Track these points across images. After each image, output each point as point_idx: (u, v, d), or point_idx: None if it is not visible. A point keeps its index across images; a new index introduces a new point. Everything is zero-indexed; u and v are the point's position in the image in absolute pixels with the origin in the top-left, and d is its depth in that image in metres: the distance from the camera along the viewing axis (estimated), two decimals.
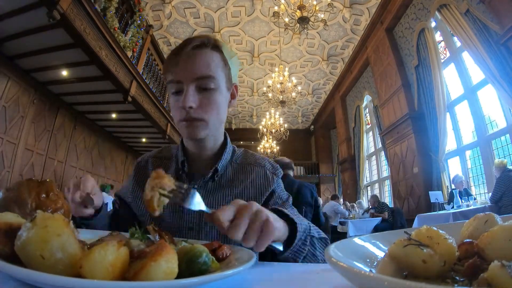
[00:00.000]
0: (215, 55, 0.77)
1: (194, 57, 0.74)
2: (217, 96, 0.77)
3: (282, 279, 0.49)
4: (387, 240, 0.40)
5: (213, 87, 0.75)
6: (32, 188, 0.45)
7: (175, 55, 0.75)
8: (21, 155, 5.16)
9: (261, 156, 0.94)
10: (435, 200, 4.74)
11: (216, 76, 0.76)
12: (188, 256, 0.39)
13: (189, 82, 0.73)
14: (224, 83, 0.79)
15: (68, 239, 0.32)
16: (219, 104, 0.78)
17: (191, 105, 0.72)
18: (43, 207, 0.37)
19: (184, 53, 0.74)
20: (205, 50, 0.76)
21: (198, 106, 0.74)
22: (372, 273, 0.28)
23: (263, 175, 0.86)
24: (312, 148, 13.81)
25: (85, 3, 4.00)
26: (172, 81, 0.76)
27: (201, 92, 0.75)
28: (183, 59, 0.74)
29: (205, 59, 0.75)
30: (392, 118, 6.37)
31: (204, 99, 0.75)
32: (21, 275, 0.30)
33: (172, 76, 0.75)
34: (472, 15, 4.22)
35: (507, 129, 4.17)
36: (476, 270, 0.27)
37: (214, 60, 0.76)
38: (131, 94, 5.55)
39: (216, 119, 0.78)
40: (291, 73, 9.01)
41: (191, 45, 0.75)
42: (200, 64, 0.74)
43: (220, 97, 0.78)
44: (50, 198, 0.46)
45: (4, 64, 4.61)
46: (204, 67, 0.74)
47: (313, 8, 4.78)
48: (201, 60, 0.75)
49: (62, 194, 0.50)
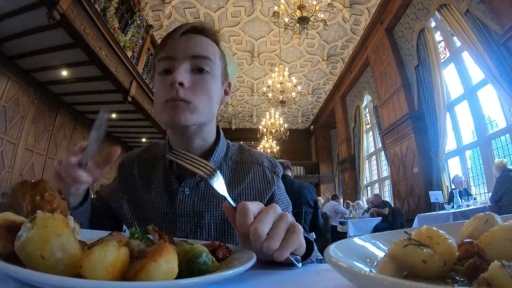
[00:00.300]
0: (213, 44, 0.72)
1: (193, 38, 0.69)
2: (211, 82, 0.69)
3: (282, 279, 0.49)
4: (387, 240, 0.40)
5: (208, 71, 0.68)
6: (26, 191, 0.45)
7: (172, 33, 0.69)
8: (21, 155, 5.16)
9: (258, 152, 0.84)
10: (435, 200, 4.74)
11: (213, 59, 0.69)
12: (188, 256, 0.39)
13: (183, 59, 0.66)
14: (220, 73, 0.73)
15: (68, 239, 0.32)
16: (212, 92, 0.69)
17: (182, 81, 0.63)
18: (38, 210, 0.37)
19: (183, 31, 0.68)
20: (204, 37, 0.71)
21: (189, 86, 0.65)
22: (372, 273, 0.28)
23: (262, 175, 0.78)
24: (312, 148, 13.81)
25: (85, 3, 4.01)
26: (163, 58, 0.67)
27: (194, 74, 0.67)
28: (180, 37, 0.67)
29: (203, 41, 0.70)
30: (392, 118, 6.37)
31: (197, 81, 0.66)
32: (21, 275, 0.30)
33: (164, 53, 0.67)
34: (472, 15, 4.22)
35: (507, 129, 4.18)
36: (476, 270, 0.27)
37: (212, 47, 0.71)
38: (131, 94, 5.56)
39: (206, 106, 0.67)
40: (291, 73, 9.01)
41: (191, 25, 0.70)
42: (199, 43, 0.69)
43: (214, 85, 0.70)
44: (46, 199, 0.46)
45: (4, 64, 4.61)
46: (201, 47, 0.68)
47: (313, 8, 4.79)
48: (200, 39, 0.69)
49: (57, 193, 0.50)
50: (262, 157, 0.82)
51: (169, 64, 0.67)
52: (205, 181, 0.73)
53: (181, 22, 7.31)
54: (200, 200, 0.72)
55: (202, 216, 0.71)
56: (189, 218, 0.71)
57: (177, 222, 0.71)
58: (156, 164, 0.79)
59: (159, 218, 0.72)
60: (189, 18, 7.22)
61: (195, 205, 0.71)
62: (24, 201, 0.43)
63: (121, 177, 0.81)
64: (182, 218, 0.71)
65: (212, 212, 0.71)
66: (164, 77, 0.67)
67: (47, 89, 5.60)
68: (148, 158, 0.82)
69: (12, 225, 0.35)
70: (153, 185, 0.76)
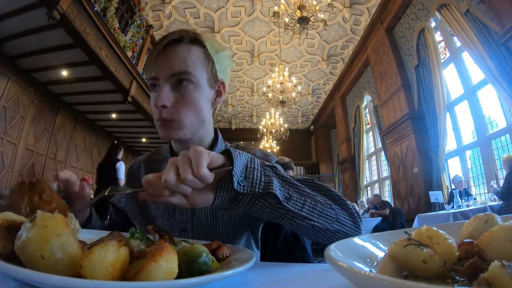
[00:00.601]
0: (194, 50, 0.72)
1: (169, 52, 0.71)
2: (194, 94, 0.72)
3: (282, 279, 0.49)
4: (387, 240, 0.40)
5: (190, 84, 0.71)
6: (24, 192, 0.45)
7: (153, 51, 0.72)
8: (21, 155, 5.16)
9: (252, 147, 0.88)
10: (435, 200, 4.74)
11: (194, 72, 0.71)
12: (188, 256, 0.39)
13: (164, 79, 0.70)
14: (205, 79, 0.74)
15: (68, 239, 0.32)
16: (197, 103, 0.72)
17: (164, 103, 0.68)
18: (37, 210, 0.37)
19: (160, 48, 0.70)
20: (181, 45, 0.71)
21: (173, 105, 0.69)
22: (372, 273, 0.28)
23: None
24: (312, 148, 13.81)
25: (85, 3, 4.01)
26: (149, 78, 0.73)
27: (177, 90, 0.71)
28: (160, 55, 0.71)
29: (181, 55, 0.71)
30: (392, 118, 6.37)
31: (180, 98, 0.70)
32: (21, 275, 0.30)
33: (149, 73, 0.72)
34: (472, 15, 4.22)
35: (507, 129, 4.17)
36: (476, 270, 0.27)
37: (192, 56, 0.72)
38: (131, 94, 5.55)
39: (193, 119, 0.72)
40: (291, 73, 9.01)
41: (167, 40, 0.71)
42: (175, 59, 0.70)
43: (199, 95, 0.72)
44: (44, 200, 0.46)
45: (4, 64, 4.61)
46: (179, 62, 0.70)
47: (313, 8, 4.78)
48: (176, 55, 0.71)
49: (56, 192, 0.50)
50: (255, 150, 0.85)
51: (154, 83, 0.72)
52: None
53: (181, 22, 7.31)
54: None
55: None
56: (189, 211, 0.78)
57: (176, 212, 0.78)
58: (160, 166, 0.86)
59: (162, 210, 0.79)
60: (189, 18, 7.22)
61: None
62: (22, 202, 0.43)
63: (129, 180, 0.91)
64: (182, 211, 0.78)
65: None
66: (152, 96, 0.73)
67: (47, 89, 5.60)
68: (153, 162, 0.90)
69: (12, 225, 0.35)
70: None
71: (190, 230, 0.77)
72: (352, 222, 0.64)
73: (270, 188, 0.52)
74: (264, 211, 0.55)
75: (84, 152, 7.14)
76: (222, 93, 0.81)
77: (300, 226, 0.58)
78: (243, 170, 0.51)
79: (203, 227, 0.77)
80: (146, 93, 6.24)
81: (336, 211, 0.61)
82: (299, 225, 0.58)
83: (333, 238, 0.62)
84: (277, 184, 0.54)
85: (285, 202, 0.55)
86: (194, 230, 0.77)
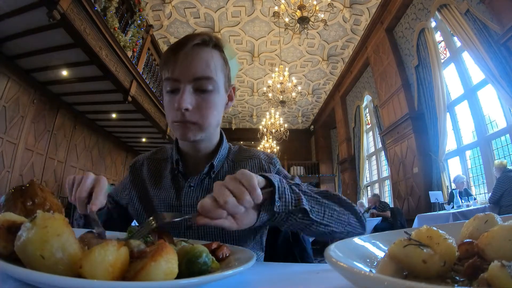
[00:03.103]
0: (216, 55, 0.74)
1: (193, 56, 0.71)
2: (214, 98, 0.74)
3: (282, 279, 0.49)
4: (387, 240, 0.40)
5: (211, 89, 0.72)
6: (17, 199, 0.45)
7: (174, 52, 0.71)
8: (21, 155, 5.16)
9: (256, 149, 0.91)
10: (435, 200, 4.74)
11: (215, 77, 0.73)
12: (188, 256, 0.39)
13: (186, 82, 0.70)
14: (223, 84, 0.76)
15: (68, 239, 0.32)
16: (216, 107, 0.75)
17: (187, 107, 0.69)
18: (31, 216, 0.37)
19: (184, 51, 0.70)
20: (206, 49, 0.73)
21: (194, 108, 0.71)
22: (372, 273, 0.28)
23: (258, 166, 0.84)
24: (312, 148, 13.81)
25: (85, 3, 4.00)
26: (168, 78, 0.72)
27: (198, 94, 0.72)
28: (182, 57, 0.70)
29: (205, 59, 0.72)
30: (392, 118, 6.37)
31: (201, 101, 0.72)
32: (21, 275, 0.30)
33: (169, 73, 0.71)
34: (472, 15, 4.22)
35: (507, 129, 4.17)
36: (476, 270, 0.27)
37: (214, 60, 0.73)
38: (131, 94, 5.55)
39: (212, 122, 0.75)
40: (291, 73, 9.01)
41: (192, 43, 0.71)
42: (200, 63, 0.71)
43: (217, 99, 0.75)
44: (37, 203, 0.46)
45: (4, 64, 4.61)
46: (203, 67, 0.71)
47: (313, 8, 4.78)
48: (201, 59, 0.71)
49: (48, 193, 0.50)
50: (259, 152, 0.89)
51: (175, 85, 0.71)
52: (208, 178, 0.80)
53: (181, 22, 7.32)
54: (203, 193, 0.78)
55: None
56: (193, 208, 0.77)
57: (182, 212, 0.78)
58: (165, 165, 0.88)
59: (165, 208, 0.79)
60: (189, 18, 7.22)
61: (199, 197, 0.78)
62: (16, 209, 0.43)
63: (132, 175, 0.90)
64: (187, 208, 0.78)
65: None
66: (171, 97, 0.72)
67: (47, 89, 5.60)
68: (156, 160, 0.91)
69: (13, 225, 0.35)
70: (163, 183, 0.84)
71: (195, 228, 0.77)
72: (359, 223, 0.72)
73: (301, 205, 0.59)
74: (292, 223, 0.61)
75: (84, 152, 7.14)
76: (233, 98, 0.85)
77: (320, 232, 0.66)
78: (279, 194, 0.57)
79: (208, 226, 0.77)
80: (146, 93, 6.24)
81: (347, 216, 0.69)
82: (320, 232, 0.65)
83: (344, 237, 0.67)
84: (305, 200, 0.61)
85: (311, 214, 0.61)
86: (199, 228, 0.77)
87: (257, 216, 0.55)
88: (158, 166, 0.88)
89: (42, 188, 0.49)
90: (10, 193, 0.47)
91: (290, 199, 0.58)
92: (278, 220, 0.59)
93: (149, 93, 6.32)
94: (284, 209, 0.57)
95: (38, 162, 5.65)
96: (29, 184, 0.48)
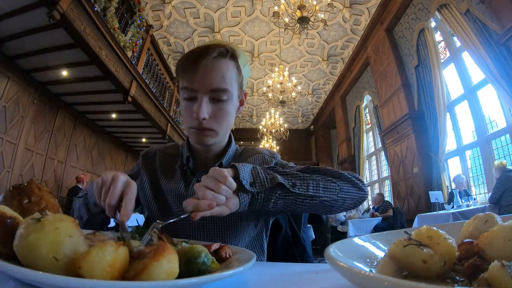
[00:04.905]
0: (231, 65, 0.78)
1: (211, 68, 0.75)
2: (229, 107, 0.79)
3: (282, 279, 0.49)
4: (387, 240, 0.40)
5: (226, 99, 0.77)
6: (14, 197, 0.45)
7: (193, 63, 0.75)
8: (21, 155, 5.16)
9: (259, 147, 0.98)
10: (435, 200, 4.74)
11: (231, 88, 0.77)
12: (187, 256, 0.39)
13: (203, 92, 0.75)
14: (236, 92, 0.81)
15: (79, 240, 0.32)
16: (230, 114, 0.81)
17: (205, 117, 0.74)
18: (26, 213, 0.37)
19: (203, 63, 0.74)
20: (223, 60, 0.76)
21: (211, 116, 0.76)
22: (372, 273, 0.28)
23: (261, 159, 0.90)
24: (312, 148, 13.81)
25: (85, 3, 4.00)
26: (186, 88, 0.76)
27: (214, 103, 0.77)
28: (200, 69, 0.74)
29: (222, 71, 0.76)
30: (392, 118, 6.37)
31: (217, 110, 0.77)
32: (21, 275, 0.30)
33: (187, 83, 0.76)
34: (472, 15, 4.22)
35: (507, 129, 4.17)
36: (476, 270, 0.27)
37: (229, 71, 0.77)
38: (131, 94, 5.55)
39: (225, 128, 0.81)
40: (291, 73, 9.01)
41: (211, 56, 0.74)
42: (217, 76, 0.75)
43: (231, 107, 0.80)
44: (33, 202, 0.46)
45: (4, 64, 4.61)
46: (220, 79, 0.75)
47: (313, 8, 4.78)
48: (218, 72, 0.75)
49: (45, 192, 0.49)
50: (263, 149, 0.95)
51: (192, 94, 0.76)
52: None
53: (181, 22, 7.32)
54: None
55: None
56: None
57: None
58: (175, 161, 0.93)
59: (174, 198, 0.84)
60: (189, 18, 7.22)
61: None
62: (12, 207, 0.44)
63: (144, 164, 0.94)
64: None
65: None
66: (188, 104, 0.77)
67: (47, 89, 5.60)
68: (168, 154, 0.96)
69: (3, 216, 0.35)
70: (173, 175, 0.89)
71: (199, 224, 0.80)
72: (355, 187, 0.74)
73: (276, 180, 0.65)
74: (278, 203, 0.66)
75: (84, 152, 7.14)
76: (244, 102, 0.90)
77: (312, 205, 0.70)
78: (249, 175, 0.64)
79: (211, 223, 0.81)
80: (146, 93, 6.24)
81: (337, 183, 0.72)
82: (311, 205, 0.69)
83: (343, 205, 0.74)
84: (280, 176, 0.67)
85: (292, 188, 0.66)
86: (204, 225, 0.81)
87: (238, 200, 0.62)
88: (169, 160, 0.93)
89: (40, 187, 0.49)
90: (8, 191, 0.47)
91: (264, 178, 0.65)
92: (260, 200, 0.65)
93: (149, 93, 6.32)
94: (261, 188, 0.64)
95: (38, 162, 5.65)
96: (27, 183, 0.48)
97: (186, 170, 0.87)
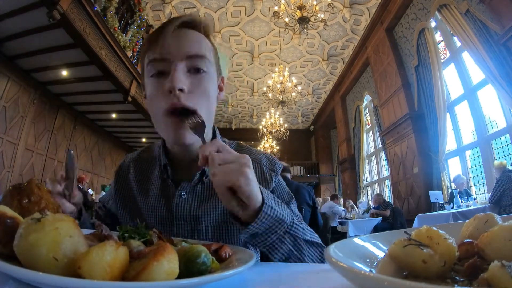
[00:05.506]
0: (205, 39, 0.68)
1: (184, 34, 0.64)
2: (208, 82, 0.65)
3: (282, 279, 0.49)
4: (387, 240, 0.40)
5: (205, 70, 0.64)
6: (14, 197, 0.45)
7: (160, 31, 0.62)
8: (21, 155, 5.16)
9: (256, 150, 0.80)
10: (435, 200, 4.74)
11: (209, 57, 0.65)
12: (187, 256, 0.39)
13: (178, 60, 0.60)
14: (215, 70, 0.69)
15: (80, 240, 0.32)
16: (211, 93, 0.65)
17: (182, 87, 0.58)
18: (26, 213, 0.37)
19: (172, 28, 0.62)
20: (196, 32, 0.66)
21: (189, 91, 0.60)
22: (372, 273, 0.28)
23: (259, 175, 0.74)
24: (312, 148, 13.81)
25: (85, 3, 4.01)
26: (154, 59, 0.62)
27: (190, 74, 0.62)
28: (171, 35, 0.61)
29: (196, 38, 0.65)
30: (392, 118, 6.37)
31: (195, 83, 0.62)
32: (21, 275, 0.30)
33: (155, 54, 0.61)
34: (472, 15, 4.22)
35: (507, 129, 4.17)
36: (476, 270, 0.27)
37: (205, 43, 0.67)
38: (131, 94, 5.56)
39: (206, 110, 0.63)
40: (291, 73, 9.01)
41: (181, 20, 0.64)
42: (191, 41, 0.63)
43: (211, 84, 0.66)
44: (33, 201, 0.46)
45: (4, 64, 4.61)
46: (195, 45, 0.63)
47: (313, 8, 4.78)
48: (193, 38, 0.64)
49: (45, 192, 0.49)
50: (261, 155, 0.78)
51: (163, 66, 0.61)
52: (201, 183, 0.71)
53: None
54: (197, 204, 0.69)
55: (199, 221, 0.69)
56: (186, 222, 0.69)
57: (174, 227, 0.69)
58: (152, 167, 0.77)
59: (156, 222, 0.70)
60: None
61: (192, 209, 0.69)
62: (12, 207, 0.43)
63: (118, 183, 0.80)
64: (179, 222, 0.69)
65: (209, 216, 0.69)
66: (158, 81, 0.61)
67: (47, 89, 5.61)
68: (144, 160, 0.80)
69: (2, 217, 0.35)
70: (150, 188, 0.74)
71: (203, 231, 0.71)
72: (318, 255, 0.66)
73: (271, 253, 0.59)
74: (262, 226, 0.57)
75: (84, 152, 7.14)
76: (223, 89, 0.76)
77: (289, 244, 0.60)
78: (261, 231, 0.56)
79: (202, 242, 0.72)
80: None
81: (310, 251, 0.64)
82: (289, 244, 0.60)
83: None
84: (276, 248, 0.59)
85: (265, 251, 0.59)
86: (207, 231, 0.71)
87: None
88: (145, 168, 0.78)
89: (40, 187, 0.48)
90: (8, 191, 0.47)
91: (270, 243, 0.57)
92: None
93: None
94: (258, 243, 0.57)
95: (38, 162, 5.65)
96: (27, 183, 0.48)
97: (166, 179, 0.72)
